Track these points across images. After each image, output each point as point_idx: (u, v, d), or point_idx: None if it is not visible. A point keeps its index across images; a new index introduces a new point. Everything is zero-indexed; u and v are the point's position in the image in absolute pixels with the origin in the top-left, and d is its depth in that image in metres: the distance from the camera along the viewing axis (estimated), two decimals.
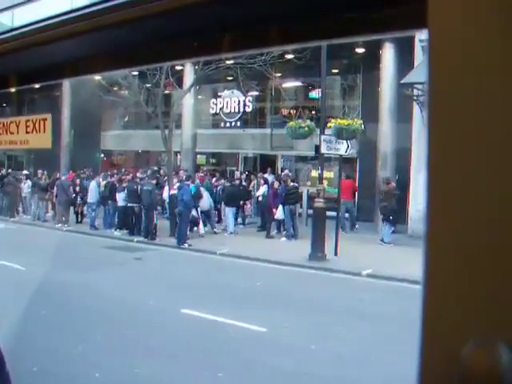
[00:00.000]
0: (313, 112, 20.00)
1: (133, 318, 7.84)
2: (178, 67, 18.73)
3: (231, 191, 16.75)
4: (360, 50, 18.03)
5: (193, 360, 6.35)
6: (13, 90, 1.48)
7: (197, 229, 15.65)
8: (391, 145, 16.90)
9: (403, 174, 16.00)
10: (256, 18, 0.81)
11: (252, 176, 19.75)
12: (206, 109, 22.90)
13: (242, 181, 18.25)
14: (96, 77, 16.23)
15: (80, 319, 7.56)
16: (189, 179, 15.30)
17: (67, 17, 0.97)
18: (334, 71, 19.05)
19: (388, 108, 16.99)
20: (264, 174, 18.64)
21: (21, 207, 20.24)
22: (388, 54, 16.87)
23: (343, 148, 13.36)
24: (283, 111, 21.22)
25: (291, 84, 21.15)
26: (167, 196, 16.33)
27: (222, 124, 22.70)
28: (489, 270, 0.55)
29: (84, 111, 21.17)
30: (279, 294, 9.56)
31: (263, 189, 16.90)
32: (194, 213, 15.18)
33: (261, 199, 16.86)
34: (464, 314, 0.56)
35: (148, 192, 15.24)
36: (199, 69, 16.91)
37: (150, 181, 16.31)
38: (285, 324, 7.76)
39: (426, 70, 0.58)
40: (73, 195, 18.02)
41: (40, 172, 19.79)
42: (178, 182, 15.32)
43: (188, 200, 14.55)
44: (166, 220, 16.24)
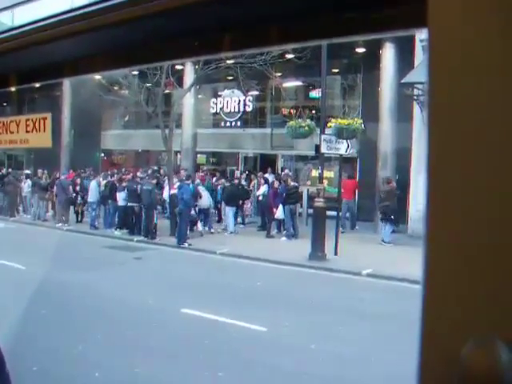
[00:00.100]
0: (313, 111, 20.00)
1: (133, 318, 7.84)
2: (179, 67, 18.72)
3: (231, 191, 16.76)
4: (360, 50, 18.03)
5: (193, 359, 6.35)
6: (13, 90, 1.47)
7: (196, 228, 15.66)
8: (391, 144, 16.90)
9: (403, 174, 16.00)
10: (256, 18, 0.81)
11: (252, 176, 19.76)
12: (207, 108, 22.91)
13: (241, 180, 18.26)
14: (96, 76, 16.23)
15: (80, 319, 7.56)
16: (189, 179, 15.30)
17: (67, 16, 0.97)
18: (335, 71, 19.06)
19: (388, 108, 16.98)
20: (264, 174, 18.65)
21: (21, 207, 20.25)
22: (388, 54, 16.86)
23: (343, 148, 13.36)
24: (283, 111, 21.23)
25: (291, 83, 21.16)
26: (167, 195, 16.34)
27: (223, 123, 22.71)
28: (488, 270, 0.55)
29: (84, 111, 21.17)
30: (279, 294, 9.57)
31: (263, 188, 16.90)
32: (192, 212, 15.20)
33: (261, 199, 16.87)
34: (464, 314, 0.56)
35: (148, 191, 15.25)
36: (199, 68, 16.89)
37: (150, 180, 16.32)
38: (285, 324, 7.76)
39: (426, 70, 0.58)
40: (73, 195, 18.04)
41: (40, 171, 19.78)
42: (179, 182, 15.33)
43: (188, 199, 14.56)
44: (166, 219, 16.25)
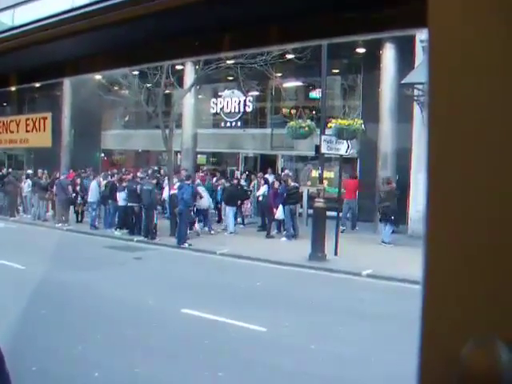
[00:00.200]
0: (313, 112, 20.00)
1: (133, 318, 7.83)
2: (179, 67, 18.72)
3: (230, 191, 16.77)
4: (360, 50, 18.02)
5: (193, 359, 6.35)
6: (13, 89, 1.47)
7: (193, 228, 15.64)
8: (391, 145, 16.89)
9: (403, 174, 16.00)
10: (256, 18, 0.81)
11: (252, 176, 19.76)
12: (207, 108, 22.91)
13: (241, 181, 18.25)
14: (96, 76, 16.24)
15: (80, 319, 7.55)
16: (189, 179, 15.30)
17: (67, 15, 0.97)
18: (335, 71, 19.06)
19: (388, 108, 16.98)
20: (264, 174, 18.65)
21: (21, 206, 20.25)
22: (388, 54, 16.86)
23: (343, 148, 13.36)
24: (283, 111, 21.23)
25: (292, 84, 21.16)
26: (167, 196, 16.33)
27: (223, 124, 22.71)
28: (488, 270, 0.55)
29: (84, 110, 21.17)
30: (279, 294, 9.56)
31: (263, 189, 16.90)
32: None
33: (261, 199, 16.87)
34: (463, 314, 0.56)
35: (148, 192, 15.24)
36: (200, 68, 16.88)
37: (151, 180, 16.31)
38: (285, 324, 7.76)
39: (426, 70, 0.58)
40: (73, 194, 18.04)
41: (40, 171, 19.78)
42: (179, 182, 15.33)
43: (188, 199, 14.56)
44: (166, 220, 16.25)
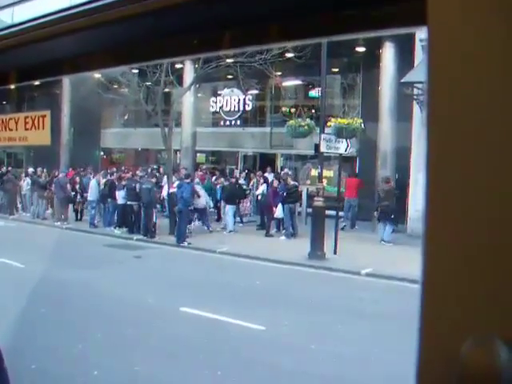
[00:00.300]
0: (313, 111, 20.03)
1: (132, 317, 7.83)
2: (178, 65, 18.72)
3: (230, 189, 16.78)
4: (360, 49, 18.03)
5: (192, 358, 6.35)
6: (12, 88, 1.47)
7: (189, 226, 15.62)
8: (391, 144, 16.90)
9: (403, 174, 16.01)
10: (256, 15, 0.81)
11: (252, 175, 19.77)
12: (206, 107, 22.91)
13: (239, 179, 18.25)
14: (96, 74, 16.22)
15: (79, 317, 7.55)
16: (188, 177, 15.30)
17: (66, 13, 0.97)
18: (334, 70, 19.06)
19: (388, 107, 16.99)
20: (264, 173, 18.65)
21: (20, 205, 20.24)
22: (388, 53, 16.86)
23: (343, 147, 13.36)
24: (283, 110, 21.23)
25: (291, 83, 21.17)
26: (166, 194, 16.33)
27: (222, 122, 22.72)
28: (488, 270, 0.54)
29: (84, 109, 21.17)
30: (278, 293, 9.57)
31: (262, 187, 16.91)
32: None
33: (260, 198, 16.88)
34: (463, 313, 0.56)
35: (147, 190, 15.24)
36: (199, 67, 16.88)
37: (150, 179, 16.31)
38: (284, 323, 7.77)
39: (426, 69, 0.58)
40: (72, 193, 18.04)
41: (39, 170, 19.78)
42: (178, 180, 15.32)
43: (187, 198, 14.56)
44: (166, 218, 16.25)
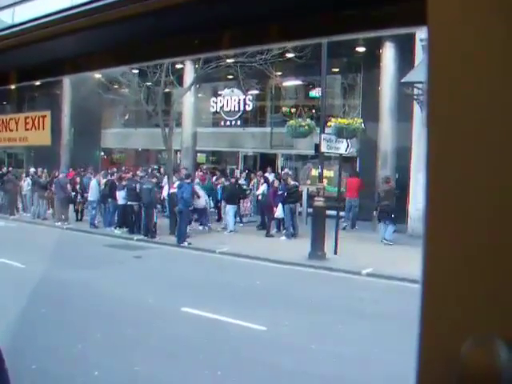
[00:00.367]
0: (313, 111, 20.02)
1: (132, 317, 7.83)
2: (178, 65, 18.72)
3: (230, 189, 16.79)
4: (360, 49, 18.03)
5: (192, 358, 6.35)
6: (13, 88, 1.47)
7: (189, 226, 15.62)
8: (391, 144, 16.90)
9: (403, 173, 16.00)
10: (256, 15, 0.81)
11: (252, 175, 19.77)
12: (207, 107, 22.91)
13: (239, 179, 18.25)
14: (96, 75, 16.23)
15: (79, 317, 7.55)
16: (188, 177, 15.30)
17: (67, 13, 0.97)
18: (335, 70, 19.06)
19: (388, 107, 16.99)
20: (264, 173, 18.65)
21: (20, 205, 20.25)
22: (388, 53, 16.86)
23: (343, 147, 13.36)
24: (283, 110, 21.23)
25: (291, 83, 21.16)
26: (167, 194, 16.33)
27: (222, 122, 22.72)
28: (488, 270, 0.55)
29: (84, 109, 21.17)
30: (279, 293, 9.57)
31: (263, 188, 16.91)
32: None
33: (260, 198, 16.88)
34: (462, 313, 0.56)
35: (148, 190, 15.24)
36: (199, 67, 16.88)
37: (150, 179, 16.31)
38: (284, 323, 7.76)
39: (425, 68, 0.58)
40: (72, 193, 18.04)
41: (40, 170, 19.79)
42: (178, 181, 15.32)
43: (188, 198, 14.56)
44: (166, 218, 16.24)
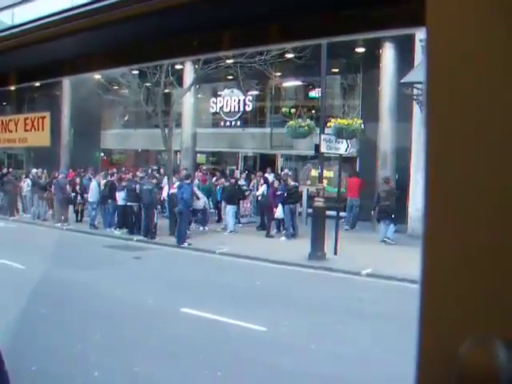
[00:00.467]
0: (313, 111, 20.01)
1: (132, 317, 7.83)
2: (178, 66, 18.71)
3: (230, 190, 16.80)
4: (360, 50, 18.02)
5: (192, 359, 6.35)
6: (13, 89, 1.47)
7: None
8: (391, 144, 16.91)
9: (403, 174, 16.00)
10: (256, 16, 0.81)
11: (252, 175, 19.77)
12: (206, 108, 22.91)
13: (238, 180, 18.26)
14: (96, 75, 16.23)
15: (79, 318, 7.54)
16: (188, 178, 15.29)
17: (67, 14, 0.97)
18: (334, 70, 19.06)
19: (388, 107, 16.99)
20: (264, 174, 18.65)
21: (20, 206, 20.25)
22: (388, 54, 16.87)
23: (343, 147, 13.36)
24: (283, 110, 21.23)
25: (291, 83, 21.16)
26: (167, 195, 16.33)
27: (222, 123, 22.71)
28: (487, 270, 0.55)
29: (84, 110, 21.16)
30: (279, 294, 9.56)
31: (263, 188, 16.91)
32: None
33: (260, 198, 16.88)
34: (462, 313, 0.56)
35: (148, 191, 15.24)
36: (199, 68, 16.89)
37: (150, 180, 16.31)
38: (284, 323, 7.76)
39: (424, 69, 0.58)
40: (72, 194, 18.05)
41: (39, 171, 19.80)
42: (178, 181, 15.32)
43: (188, 199, 14.55)
44: (166, 219, 16.24)
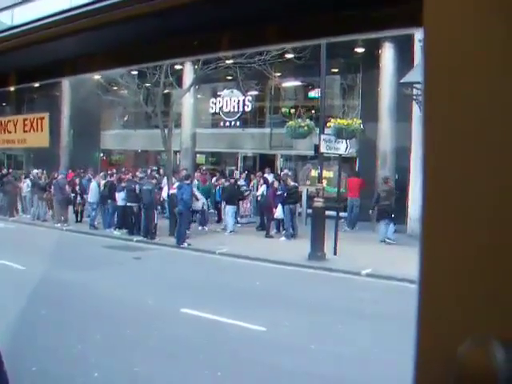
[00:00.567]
0: (312, 111, 20.01)
1: (132, 318, 7.83)
2: (178, 66, 18.72)
3: (229, 190, 16.81)
4: (360, 50, 18.03)
5: (192, 359, 6.35)
6: (12, 89, 1.47)
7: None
8: (391, 144, 16.91)
9: (403, 174, 16.01)
10: (256, 16, 0.81)
11: (252, 176, 19.77)
12: (206, 108, 22.91)
13: (237, 180, 18.26)
14: (95, 76, 16.22)
15: (79, 319, 7.54)
16: (188, 178, 15.29)
17: (67, 14, 0.97)
18: (334, 71, 19.06)
19: (387, 107, 17.00)
20: (264, 174, 18.65)
21: (20, 206, 20.24)
22: (387, 54, 16.88)
23: (343, 147, 13.37)
24: (283, 111, 21.23)
25: (291, 83, 21.16)
26: (167, 195, 16.33)
27: (222, 123, 22.72)
28: (485, 270, 0.55)
29: (83, 110, 21.16)
30: (278, 294, 9.56)
31: (262, 188, 16.92)
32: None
33: (260, 199, 16.89)
34: (460, 314, 0.56)
35: (148, 191, 15.24)
36: (199, 68, 16.88)
37: (150, 180, 16.31)
38: (284, 323, 7.76)
39: (422, 69, 0.58)
40: (72, 194, 18.05)
41: (39, 171, 19.80)
42: (178, 182, 15.32)
43: (188, 200, 14.55)
44: (166, 219, 16.24)
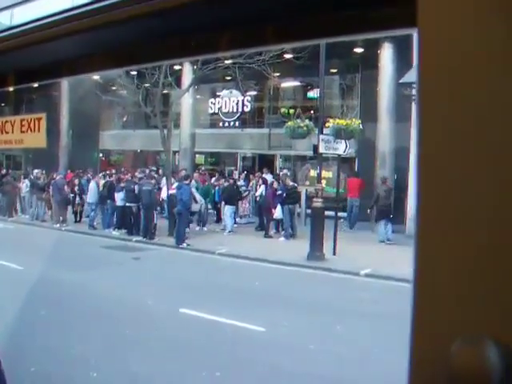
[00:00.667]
0: (311, 112, 20.01)
1: (131, 318, 7.83)
2: (177, 67, 18.71)
3: (229, 190, 16.81)
4: (358, 50, 18.04)
5: (191, 359, 6.34)
6: (11, 90, 1.47)
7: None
8: (390, 144, 16.92)
9: (402, 174, 16.01)
10: (256, 17, 0.81)
11: (251, 176, 19.77)
12: (205, 108, 22.91)
13: (236, 180, 18.27)
14: (94, 76, 16.21)
15: (78, 319, 7.53)
16: (187, 179, 15.28)
17: (66, 15, 0.97)
18: (333, 71, 19.05)
19: (386, 107, 17.01)
20: (262, 174, 18.66)
21: (19, 207, 20.23)
22: (386, 54, 16.89)
23: (341, 148, 13.38)
24: (281, 111, 21.24)
25: (290, 84, 21.17)
26: (166, 196, 16.32)
27: (221, 124, 22.71)
28: (479, 270, 0.55)
29: (82, 111, 21.15)
30: (278, 294, 9.56)
31: (261, 189, 16.92)
32: None
33: (259, 199, 16.89)
34: (454, 314, 0.56)
35: (148, 192, 15.23)
36: (198, 68, 16.89)
37: (149, 180, 16.30)
38: (283, 323, 7.76)
39: (416, 69, 0.58)
40: (70, 195, 18.04)
41: (38, 171, 19.79)
42: (177, 182, 15.32)
43: (187, 200, 14.54)
44: (165, 220, 16.24)
